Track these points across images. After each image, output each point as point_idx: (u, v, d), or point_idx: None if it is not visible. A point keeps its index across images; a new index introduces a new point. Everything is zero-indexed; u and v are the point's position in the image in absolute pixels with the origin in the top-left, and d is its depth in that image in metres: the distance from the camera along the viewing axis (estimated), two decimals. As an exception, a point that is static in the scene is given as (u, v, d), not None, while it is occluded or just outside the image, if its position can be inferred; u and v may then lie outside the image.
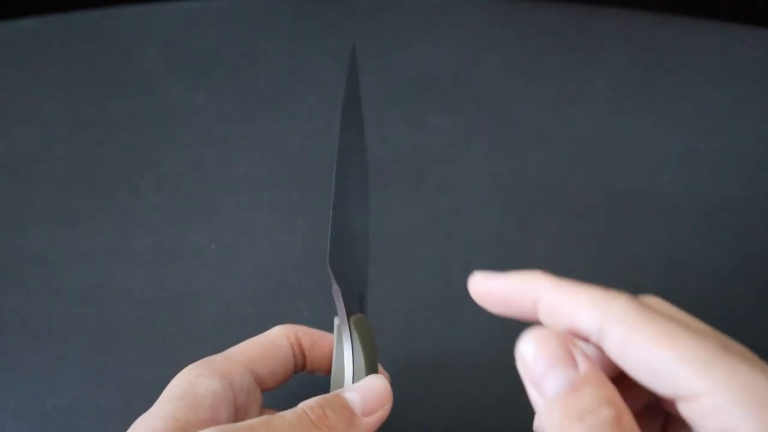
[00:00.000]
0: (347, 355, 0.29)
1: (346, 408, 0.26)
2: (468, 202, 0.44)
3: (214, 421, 0.26)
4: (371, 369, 0.28)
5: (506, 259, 0.41)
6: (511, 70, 0.52)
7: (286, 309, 0.38)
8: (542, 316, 0.24)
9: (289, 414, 0.25)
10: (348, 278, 0.29)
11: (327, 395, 0.27)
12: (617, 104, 0.50)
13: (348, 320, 0.29)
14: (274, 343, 0.29)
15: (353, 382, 0.28)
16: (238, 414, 0.27)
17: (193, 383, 0.26)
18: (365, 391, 0.27)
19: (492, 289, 0.25)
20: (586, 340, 0.23)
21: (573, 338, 0.23)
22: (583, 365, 0.22)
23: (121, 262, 0.41)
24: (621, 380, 0.23)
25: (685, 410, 0.20)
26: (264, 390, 0.29)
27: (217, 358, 0.28)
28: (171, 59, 0.53)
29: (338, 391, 0.27)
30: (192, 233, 0.42)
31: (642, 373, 0.21)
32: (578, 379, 0.21)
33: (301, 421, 0.25)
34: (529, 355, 0.22)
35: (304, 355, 0.30)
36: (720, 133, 0.48)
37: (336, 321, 0.29)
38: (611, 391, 0.21)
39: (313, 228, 0.42)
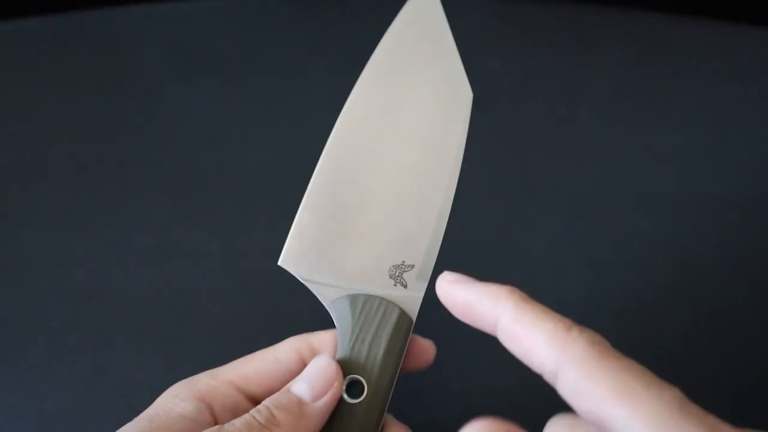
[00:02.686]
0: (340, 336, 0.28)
1: (292, 402, 0.26)
2: (468, 202, 0.44)
3: None
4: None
5: (507, 259, 0.41)
6: (511, 70, 0.52)
7: (286, 309, 0.38)
8: (501, 337, 0.23)
9: (237, 422, 0.25)
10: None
11: (276, 393, 0.26)
12: (617, 104, 0.50)
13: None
14: (278, 359, 0.29)
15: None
16: None
17: (169, 404, 0.27)
18: (312, 376, 0.26)
19: (456, 297, 0.25)
20: (540, 374, 0.22)
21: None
22: None
23: (120, 261, 0.41)
24: None
25: None
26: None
27: (202, 377, 0.28)
28: (171, 59, 0.53)
29: (288, 385, 0.27)
30: (192, 233, 0.42)
31: (594, 422, 0.20)
32: None
33: (249, 427, 0.25)
34: None
35: None
36: (720, 133, 0.48)
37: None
38: None
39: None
